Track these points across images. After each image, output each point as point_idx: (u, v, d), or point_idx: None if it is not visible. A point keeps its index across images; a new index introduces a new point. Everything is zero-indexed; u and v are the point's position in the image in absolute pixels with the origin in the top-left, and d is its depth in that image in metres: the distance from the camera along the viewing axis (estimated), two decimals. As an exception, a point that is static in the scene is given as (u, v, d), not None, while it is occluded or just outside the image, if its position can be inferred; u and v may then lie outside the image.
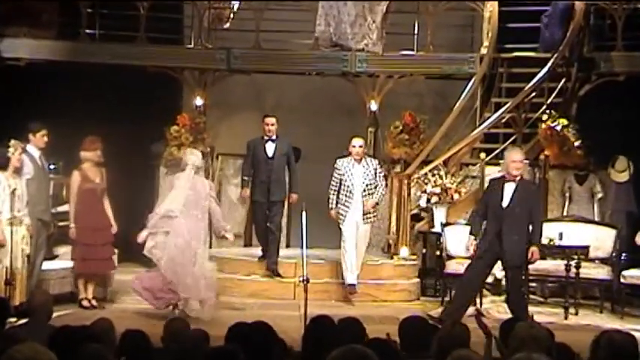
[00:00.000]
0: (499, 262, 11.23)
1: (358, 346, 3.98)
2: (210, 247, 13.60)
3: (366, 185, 11.46)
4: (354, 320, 5.81)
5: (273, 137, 11.95)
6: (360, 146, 11.65)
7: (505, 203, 9.75)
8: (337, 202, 11.54)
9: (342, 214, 11.45)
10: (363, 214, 11.43)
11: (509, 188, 9.78)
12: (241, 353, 4.52)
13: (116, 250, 11.35)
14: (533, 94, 13.26)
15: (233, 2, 14.35)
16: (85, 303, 10.57)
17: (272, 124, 11.93)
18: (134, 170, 11.65)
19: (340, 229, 11.50)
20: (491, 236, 9.82)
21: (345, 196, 11.47)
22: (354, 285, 11.39)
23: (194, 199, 9.96)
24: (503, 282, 11.55)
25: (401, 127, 13.50)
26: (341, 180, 11.52)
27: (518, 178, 9.81)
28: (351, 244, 11.37)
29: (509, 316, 9.69)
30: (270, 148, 11.92)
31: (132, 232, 10.52)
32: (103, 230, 10.74)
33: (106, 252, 10.79)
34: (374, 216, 11.66)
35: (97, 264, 10.67)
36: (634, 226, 11.82)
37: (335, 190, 11.55)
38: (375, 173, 11.58)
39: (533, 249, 9.70)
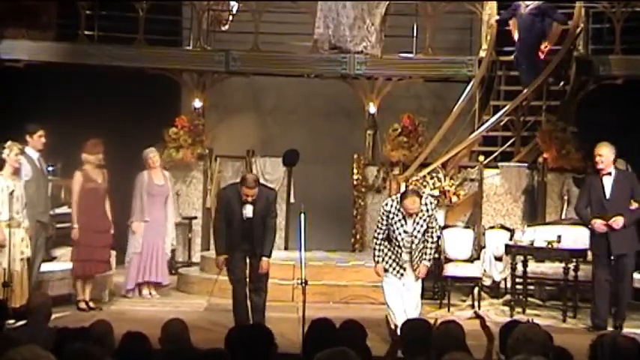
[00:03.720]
0: (494, 265, 11.29)
1: (343, 348, 4.00)
2: (208, 249, 13.67)
3: (417, 238, 9.25)
4: (356, 323, 5.81)
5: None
6: (416, 207, 9.15)
7: (608, 195, 10.05)
8: (383, 254, 9.35)
9: (388, 269, 9.34)
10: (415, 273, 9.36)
11: (607, 180, 10.08)
12: (230, 356, 4.53)
13: (114, 253, 11.37)
14: (532, 97, 13.28)
15: (232, 4, 14.36)
16: (82, 305, 10.56)
17: (252, 196, 9.37)
18: (132, 172, 11.62)
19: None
20: (598, 233, 10.08)
21: (393, 246, 9.30)
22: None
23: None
24: (502, 284, 11.60)
25: (399, 130, 13.50)
26: (388, 227, 9.26)
27: (610, 170, 10.06)
28: (395, 297, 9.35)
29: (508, 318, 9.70)
30: (248, 210, 9.45)
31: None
32: (104, 232, 10.74)
33: (104, 254, 10.80)
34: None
35: (95, 265, 10.68)
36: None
37: (381, 239, 9.30)
38: (430, 220, 9.29)
39: None
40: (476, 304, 11.12)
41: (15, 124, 10.68)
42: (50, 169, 11.47)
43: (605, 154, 10.09)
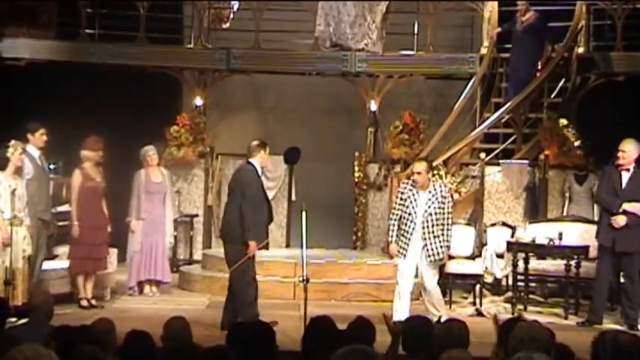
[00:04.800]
0: (496, 262, 11.30)
1: (364, 346, 3.99)
2: (210, 247, 13.68)
3: (430, 215, 9.61)
4: (366, 322, 5.80)
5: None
6: (419, 173, 9.63)
7: (623, 190, 10.08)
8: (397, 234, 9.74)
9: (401, 248, 9.71)
10: (428, 255, 9.66)
11: (625, 176, 10.13)
12: (233, 353, 4.53)
13: (115, 250, 11.37)
14: (533, 94, 13.28)
15: (233, 2, 14.36)
16: (84, 303, 10.57)
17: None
18: (134, 170, 11.63)
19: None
20: (607, 226, 10.12)
21: (405, 226, 9.67)
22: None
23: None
24: (503, 281, 11.60)
25: (401, 127, 13.50)
26: (402, 209, 9.70)
27: (629, 166, 10.09)
28: (407, 277, 9.74)
29: (509, 315, 9.71)
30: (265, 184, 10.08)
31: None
32: (102, 229, 10.76)
33: (101, 251, 10.80)
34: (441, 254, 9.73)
35: (93, 263, 10.68)
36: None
37: (395, 220, 9.75)
38: (444, 202, 9.69)
39: None
40: (477, 301, 11.12)
41: (16, 123, 10.69)
42: (52, 167, 11.47)
43: (628, 150, 10.10)
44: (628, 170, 10.11)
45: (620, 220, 10.00)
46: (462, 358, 4.59)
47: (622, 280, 10.38)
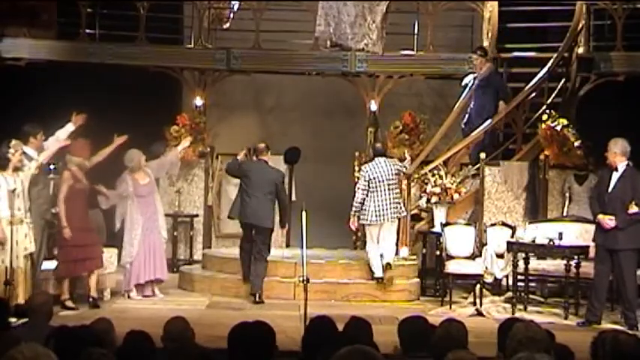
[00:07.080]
0: (496, 262, 11.29)
1: (364, 346, 3.99)
2: (210, 247, 13.69)
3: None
4: (362, 321, 5.80)
5: None
6: None
7: (610, 190, 10.18)
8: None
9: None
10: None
11: (615, 176, 10.21)
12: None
13: (115, 251, 11.36)
14: (533, 94, 13.28)
15: (233, 2, 14.36)
16: (69, 304, 10.44)
17: None
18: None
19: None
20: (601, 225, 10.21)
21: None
22: (381, 278, 11.56)
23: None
24: (504, 281, 11.60)
25: (401, 127, 13.50)
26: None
27: (618, 165, 10.16)
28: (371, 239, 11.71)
29: (509, 315, 9.71)
30: None
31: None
32: (91, 231, 10.77)
33: (95, 251, 10.76)
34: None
35: (87, 263, 10.63)
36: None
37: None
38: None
39: None
40: (477, 301, 11.12)
41: (16, 123, 10.70)
42: (51, 167, 11.47)
43: (610, 149, 10.20)
44: (617, 170, 10.17)
45: (603, 222, 10.07)
46: (466, 359, 4.59)
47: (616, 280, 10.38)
